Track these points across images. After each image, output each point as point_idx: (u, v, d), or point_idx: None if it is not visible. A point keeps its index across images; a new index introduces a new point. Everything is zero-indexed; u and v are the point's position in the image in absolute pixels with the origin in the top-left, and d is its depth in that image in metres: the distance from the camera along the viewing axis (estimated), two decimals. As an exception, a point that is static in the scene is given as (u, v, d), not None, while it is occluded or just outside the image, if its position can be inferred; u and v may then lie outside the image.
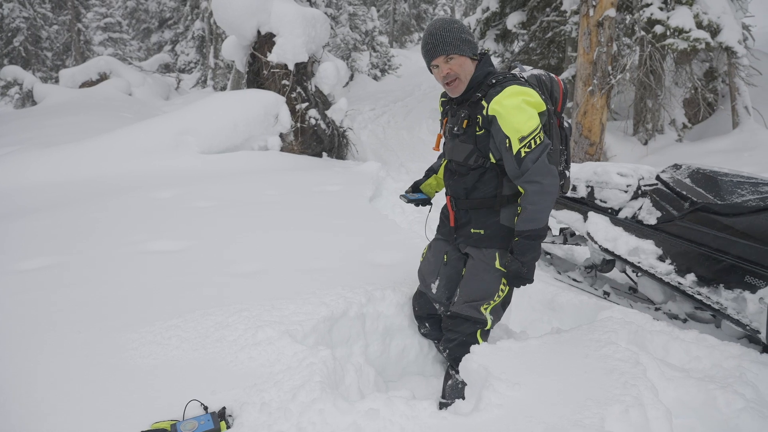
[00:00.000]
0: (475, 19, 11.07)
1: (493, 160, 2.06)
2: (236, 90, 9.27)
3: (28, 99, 14.41)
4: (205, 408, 1.69)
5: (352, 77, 15.50)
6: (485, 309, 2.16)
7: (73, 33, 21.55)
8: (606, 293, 3.46)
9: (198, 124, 6.42)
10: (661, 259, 3.07)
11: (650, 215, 3.18)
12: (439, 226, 2.44)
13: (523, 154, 1.92)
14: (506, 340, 2.51)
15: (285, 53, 7.25)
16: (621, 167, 3.47)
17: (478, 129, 2.03)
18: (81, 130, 7.98)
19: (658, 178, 3.31)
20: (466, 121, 2.05)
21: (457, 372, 2.16)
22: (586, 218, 3.48)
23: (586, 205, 3.52)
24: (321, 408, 1.65)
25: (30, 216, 3.87)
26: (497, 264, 2.14)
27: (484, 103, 1.99)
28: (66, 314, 2.30)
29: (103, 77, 15.10)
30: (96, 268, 2.87)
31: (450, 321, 2.22)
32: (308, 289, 2.56)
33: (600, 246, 3.31)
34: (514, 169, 1.96)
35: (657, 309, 3.24)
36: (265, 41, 7.53)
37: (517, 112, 1.92)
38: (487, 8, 10.74)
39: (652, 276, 3.09)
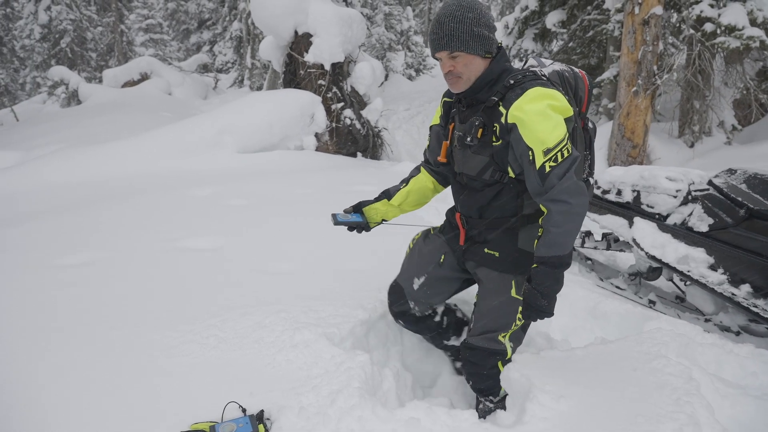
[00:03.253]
0: (513, 18, 10.89)
1: (512, 175, 1.79)
2: (273, 90, 9.36)
3: (73, 98, 14.91)
4: (244, 410, 1.67)
5: (386, 77, 15.50)
6: (503, 337, 1.91)
7: (116, 34, 22.23)
8: (651, 302, 3.32)
9: (235, 123, 6.50)
10: (713, 268, 2.92)
11: (701, 222, 3.02)
12: (444, 227, 2.15)
13: (547, 169, 1.63)
14: (549, 349, 2.43)
15: (321, 53, 7.28)
16: (670, 171, 3.32)
17: (494, 139, 1.75)
18: (123, 129, 8.19)
19: (710, 183, 3.15)
20: (481, 130, 1.76)
21: (487, 400, 2.01)
22: (631, 224, 3.34)
23: (631, 210, 3.38)
24: (360, 415, 1.61)
25: (72, 212, 3.97)
26: (513, 293, 1.89)
27: (501, 108, 1.71)
28: (105, 310, 2.33)
29: (144, 77, 15.51)
30: (135, 264, 2.91)
31: (468, 352, 1.96)
32: (345, 291, 2.53)
33: (647, 253, 3.17)
34: (537, 185, 1.67)
35: (707, 320, 3.08)
36: (301, 41, 7.57)
37: (541, 119, 1.64)
38: (526, 7, 10.55)
39: (703, 286, 2.94)
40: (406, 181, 2.18)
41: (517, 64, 1.91)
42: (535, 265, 1.71)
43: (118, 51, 21.96)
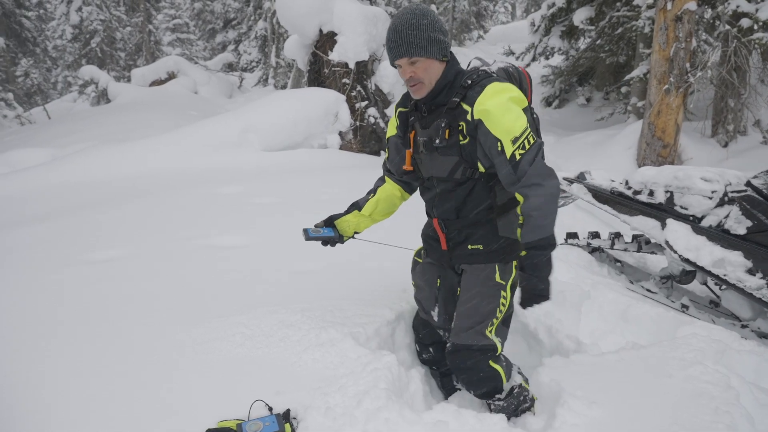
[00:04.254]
0: (540, 15, 10.73)
1: (482, 170, 1.83)
2: (297, 88, 9.40)
3: (103, 97, 15.24)
4: (270, 409, 1.67)
5: (410, 76, 15.43)
6: (490, 332, 1.86)
7: (145, 34, 22.64)
8: (684, 306, 3.22)
9: (260, 121, 6.53)
10: (751, 272, 2.81)
11: (739, 224, 2.92)
12: (426, 249, 2.16)
13: (518, 157, 1.70)
14: (579, 353, 2.37)
15: (346, 52, 7.28)
16: (705, 171, 3.21)
17: (462, 138, 1.79)
18: (151, 127, 8.34)
19: (748, 184, 3.03)
20: (448, 131, 1.80)
21: (495, 401, 1.92)
22: (664, 225, 3.24)
23: (664, 211, 3.28)
24: (387, 417, 1.59)
25: (101, 208, 4.04)
26: (497, 277, 1.90)
27: (465, 107, 1.76)
28: (132, 306, 2.36)
29: (171, 76, 15.77)
30: (162, 261, 2.94)
31: (455, 357, 1.88)
32: (370, 290, 2.51)
33: (680, 256, 3.07)
34: (509, 174, 1.72)
35: (744, 326, 2.98)
36: (326, 40, 7.58)
37: (504, 111, 1.71)
38: (553, 4, 10.38)
39: (740, 290, 2.84)
40: (373, 192, 2.20)
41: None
42: (524, 253, 1.75)
43: (146, 50, 22.37)
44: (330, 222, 2.19)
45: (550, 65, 12.10)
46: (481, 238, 1.91)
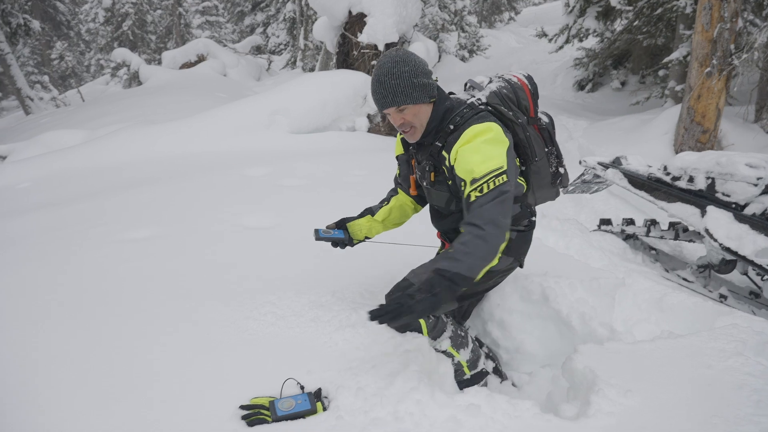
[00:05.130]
0: (575, -4, 10.41)
1: None
2: (326, 71, 9.37)
3: (134, 79, 15.49)
4: (302, 387, 1.68)
5: (439, 58, 15.23)
6: None
7: (175, 17, 22.85)
8: (722, 296, 3.12)
9: (289, 104, 6.54)
10: (797, 262, 2.71)
11: (785, 213, 2.81)
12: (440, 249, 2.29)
13: (472, 198, 1.71)
14: (613, 341, 2.32)
15: (375, 33, 7.20)
16: (750, 157, 3.08)
17: (446, 179, 1.91)
18: (181, 109, 8.44)
19: (797, 170, 2.91)
20: (433, 173, 1.93)
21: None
22: (704, 213, 3.14)
23: (705, 198, 3.17)
24: (419, 398, 1.58)
25: (135, 188, 4.12)
26: (496, 260, 1.85)
27: (444, 153, 1.85)
28: (165, 284, 2.40)
29: (200, 59, 15.90)
30: (194, 240, 2.98)
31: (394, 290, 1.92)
32: (401, 272, 2.49)
33: (720, 244, 2.97)
34: (465, 212, 1.75)
35: (786, 318, 2.87)
36: (355, 21, 7.52)
37: (472, 153, 1.75)
38: (589, -17, 10.05)
39: (784, 281, 2.74)
40: (386, 200, 2.27)
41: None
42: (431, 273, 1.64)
43: (176, 33, 22.60)
44: (342, 224, 2.23)
45: (583, 47, 11.76)
46: None
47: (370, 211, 2.25)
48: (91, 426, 1.53)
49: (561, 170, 2.20)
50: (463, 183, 1.77)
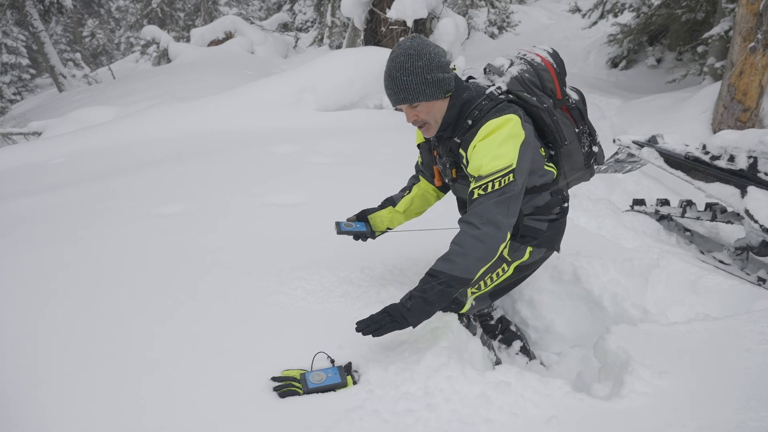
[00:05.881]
0: (611, -32, 10.03)
1: None
2: (353, 48, 9.28)
3: (163, 57, 15.61)
4: (332, 361, 1.70)
5: (468, 35, 14.92)
6: (472, 293, 2.01)
7: (203, -6, 22.85)
8: (761, 280, 3.03)
9: (316, 81, 6.51)
10: (843, 246, 2.60)
11: (832, 194, 2.69)
12: None
13: (475, 195, 1.69)
14: (646, 322, 2.29)
15: (404, 9, 7.08)
16: (796, 136, 2.96)
17: (467, 174, 1.85)
18: (210, 86, 8.49)
19: None
20: (454, 170, 1.90)
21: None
22: (744, 193, 3.03)
23: (746, 178, 3.06)
24: (449, 375, 1.58)
25: (165, 164, 4.18)
26: (505, 252, 1.97)
27: (462, 152, 1.80)
28: (197, 259, 2.44)
29: (228, 36, 15.93)
30: (224, 216, 3.02)
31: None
32: (429, 251, 2.48)
33: (761, 226, 2.87)
34: (468, 210, 1.73)
35: (828, 303, 2.77)
36: (384, -4, 7.40)
37: (483, 152, 1.70)
38: (626, -45, 9.66)
39: (828, 265, 2.64)
40: (408, 189, 2.21)
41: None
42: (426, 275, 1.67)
43: (204, 11, 22.64)
44: (363, 216, 2.20)
45: (618, 23, 11.36)
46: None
47: (391, 202, 2.21)
48: (135, 392, 1.59)
49: (594, 149, 2.12)
50: (471, 178, 1.76)
